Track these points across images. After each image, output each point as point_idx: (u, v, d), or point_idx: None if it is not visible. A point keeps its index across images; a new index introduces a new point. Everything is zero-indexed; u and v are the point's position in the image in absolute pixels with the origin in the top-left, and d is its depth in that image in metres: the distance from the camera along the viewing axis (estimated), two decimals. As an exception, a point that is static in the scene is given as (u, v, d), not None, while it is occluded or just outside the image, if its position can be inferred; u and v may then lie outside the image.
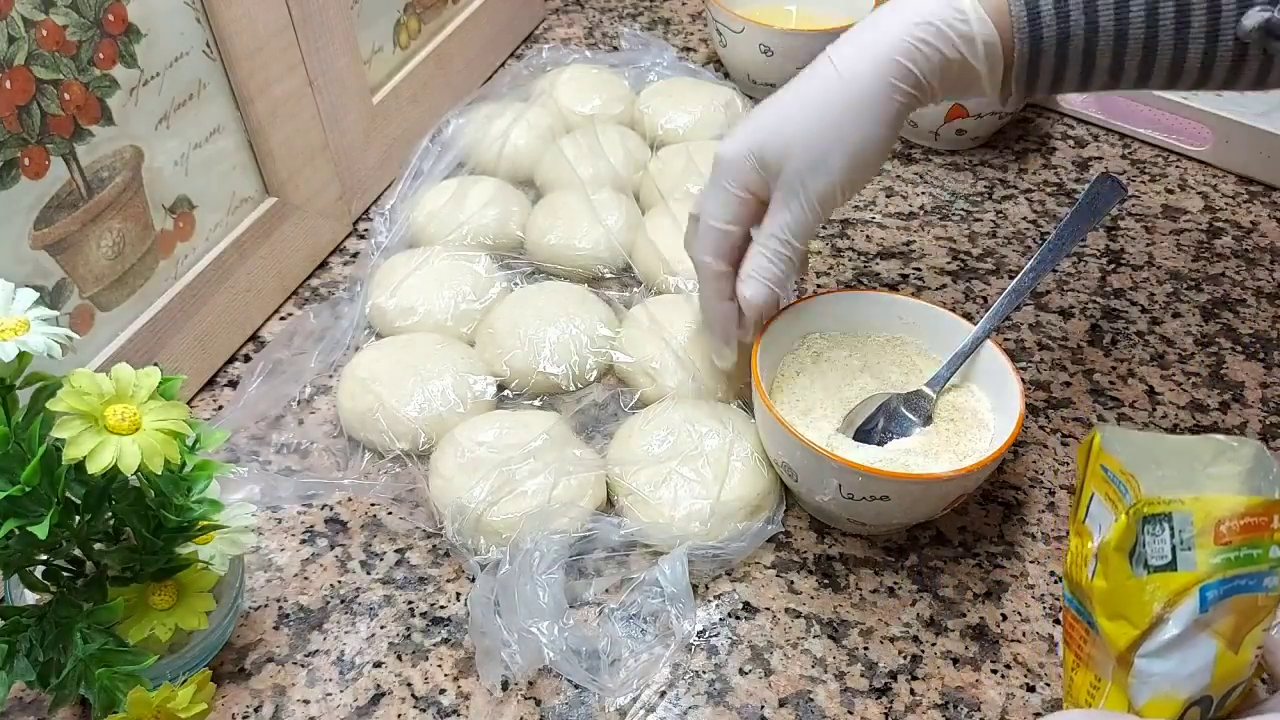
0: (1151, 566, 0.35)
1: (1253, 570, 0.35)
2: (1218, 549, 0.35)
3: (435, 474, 0.55)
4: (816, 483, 0.52)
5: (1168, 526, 0.35)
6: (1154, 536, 0.35)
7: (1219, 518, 0.35)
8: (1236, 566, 0.35)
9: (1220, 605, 0.35)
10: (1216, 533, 0.35)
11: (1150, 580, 0.35)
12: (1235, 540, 0.35)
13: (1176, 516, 0.35)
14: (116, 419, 0.37)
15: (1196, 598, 0.35)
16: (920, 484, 0.50)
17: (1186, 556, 0.35)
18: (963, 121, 0.81)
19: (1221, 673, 0.36)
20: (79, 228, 0.53)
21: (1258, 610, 0.36)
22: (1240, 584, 0.35)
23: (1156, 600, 0.35)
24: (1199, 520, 0.35)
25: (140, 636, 0.43)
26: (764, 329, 0.56)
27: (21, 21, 0.48)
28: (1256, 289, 0.74)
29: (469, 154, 0.78)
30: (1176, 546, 0.35)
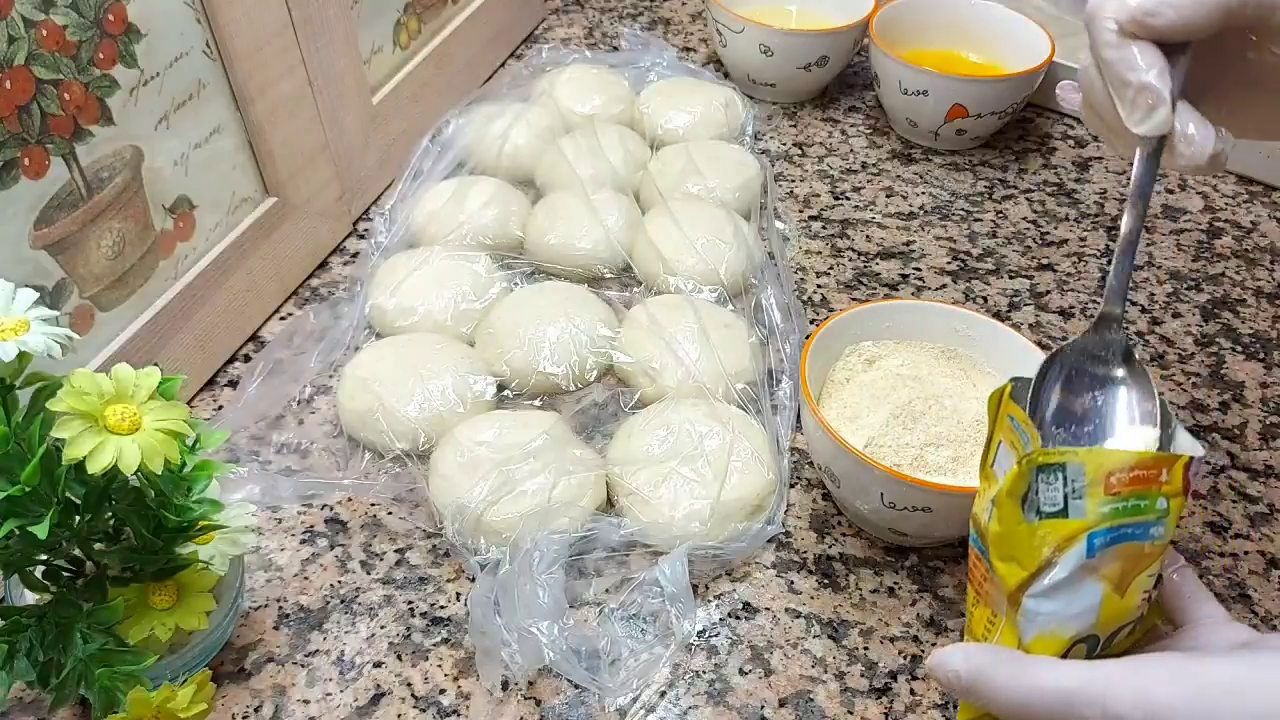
0: (1044, 513, 0.37)
1: (1139, 520, 0.36)
2: (1107, 499, 0.36)
3: (435, 474, 0.55)
4: (859, 490, 0.52)
5: (1061, 475, 0.36)
6: (1047, 485, 0.36)
7: (1110, 469, 0.36)
8: (1124, 516, 0.36)
9: (1107, 551, 0.37)
10: (1107, 483, 0.36)
11: (1041, 526, 0.37)
12: (1124, 491, 0.36)
13: (1070, 466, 0.36)
14: (116, 419, 0.37)
15: (1084, 543, 0.36)
16: (964, 496, 0.49)
17: (1077, 505, 0.36)
18: (963, 121, 0.81)
19: (1107, 614, 0.38)
20: (79, 228, 0.53)
21: (1144, 557, 0.37)
22: (1127, 532, 0.37)
23: (1046, 545, 0.37)
24: (1091, 471, 0.36)
25: (140, 636, 0.43)
26: (813, 335, 0.56)
27: (21, 21, 0.48)
28: (1256, 289, 0.74)
29: (469, 154, 0.78)
30: (1069, 495, 0.36)
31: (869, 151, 0.85)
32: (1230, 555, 0.56)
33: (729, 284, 0.68)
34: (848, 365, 0.59)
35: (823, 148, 0.85)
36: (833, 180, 0.82)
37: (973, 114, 0.80)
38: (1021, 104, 0.82)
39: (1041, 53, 0.81)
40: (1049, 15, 0.91)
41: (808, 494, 0.58)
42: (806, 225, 0.77)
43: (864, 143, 0.86)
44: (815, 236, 0.76)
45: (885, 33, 0.83)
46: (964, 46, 0.87)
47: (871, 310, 0.59)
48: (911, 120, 0.83)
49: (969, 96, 0.79)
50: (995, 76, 0.82)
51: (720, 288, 0.67)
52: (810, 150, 0.85)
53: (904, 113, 0.83)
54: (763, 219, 0.75)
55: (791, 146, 0.85)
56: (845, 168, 0.83)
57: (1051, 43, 0.81)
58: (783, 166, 0.83)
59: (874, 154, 0.85)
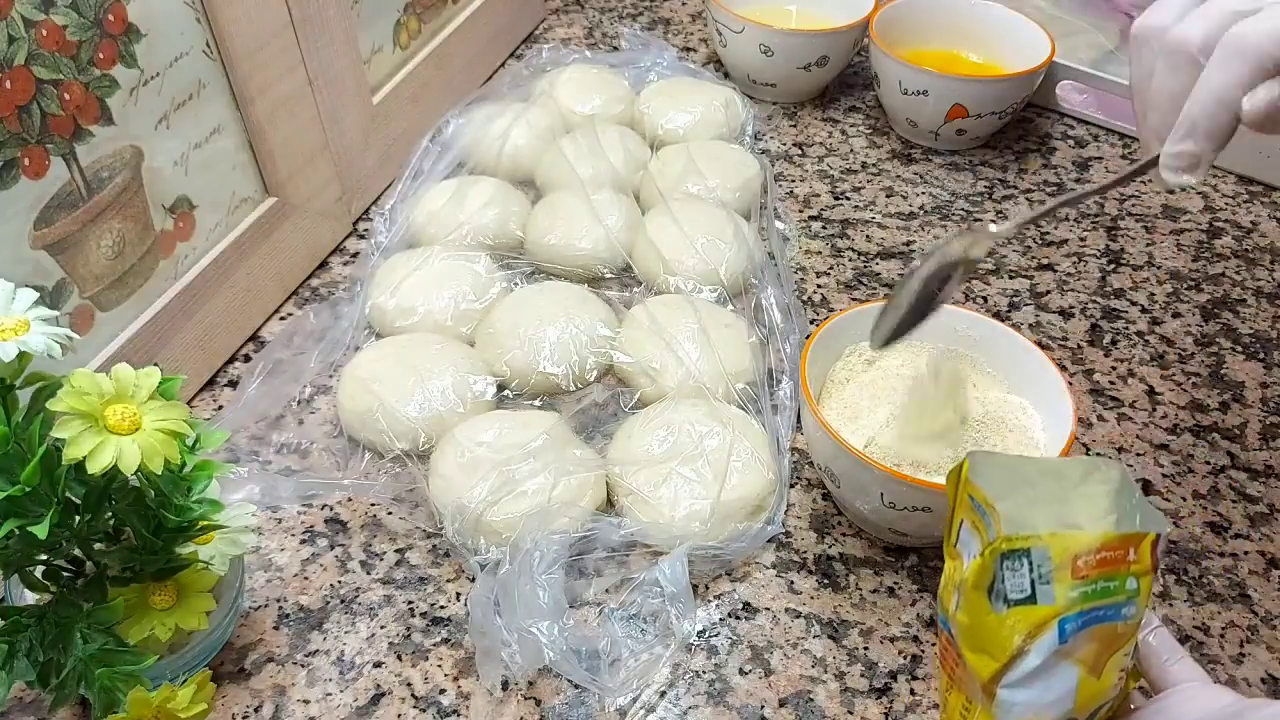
0: (1011, 600, 0.36)
1: (1110, 602, 0.36)
2: (1075, 583, 0.35)
3: (435, 474, 0.55)
4: (859, 490, 0.52)
5: (1026, 561, 0.36)
6: (1013, 572, 0.36)
7: (1076, 553, 0.35)
8: (1094, 599, 0.36)
9: (1080, 635, 0.36)
10: (1074, 567, 0.35)
11: (1010, 614, 0.36)
12: (1092, 574, 0.36)
13: (1035, 552, 0.36)
14: (116, 419, 0.37)
15: (1055, 630, 0.36)
16: None
17: (1045, 590, 0.36)
18: (963, 121, 0.81)
19: (1084, 697, 0.37)
20: (79, 228, 0.53)
21: (1117, 638, 0.37)
22: (1099, 614, 0.36)
23: (1017, 633, 0.36)
24: (1056, 555, 0.35)
25: (140, 636, 0.43)
26: (813, 335, 0.56)
27: (21, 21, 0.48)
28: (1256, 289, 0.74)
29: (469, 154, 0.78)
30: (1035, 581, 0.36)
31: (869, 151, 0.85)
32: (1230, 555, 0.56)
33: (729, 284, 0.68)
34: (848, 365, 0.59)
35: (823, 148, 0.85)
36: (833, 180, 0.82)
37: (973, 114, 0.80)
38: (1021, 104, 0.82)
39: (1041, 53, 0.81)
40: (1049, 15, 0.91)
41: (808, 494, 0.58)
42: (806, 225, 0.77)
43: (864, 143, 0.86)
44: (815, 236, 0.76)
45: (885, 33, 0.83)
46: (964, 46, 0.87)
47: (872, 310, 0.59)
48: (911, 120, 0.83)
49: (969, 96, 0.79)
50: (995, 76, 0.82)
51: (720, 288, 0.67)
52: (810, 150, 0.85)
53: (904, 113, 0.83)
54: (763, 219, 0.75)
55: (791, 146, 0.85)
56: (845, 168, 0.83)
57: (1051, 43, 0.81)
58: (783, 166, 0.83)
59: (874, 154, 0.85)
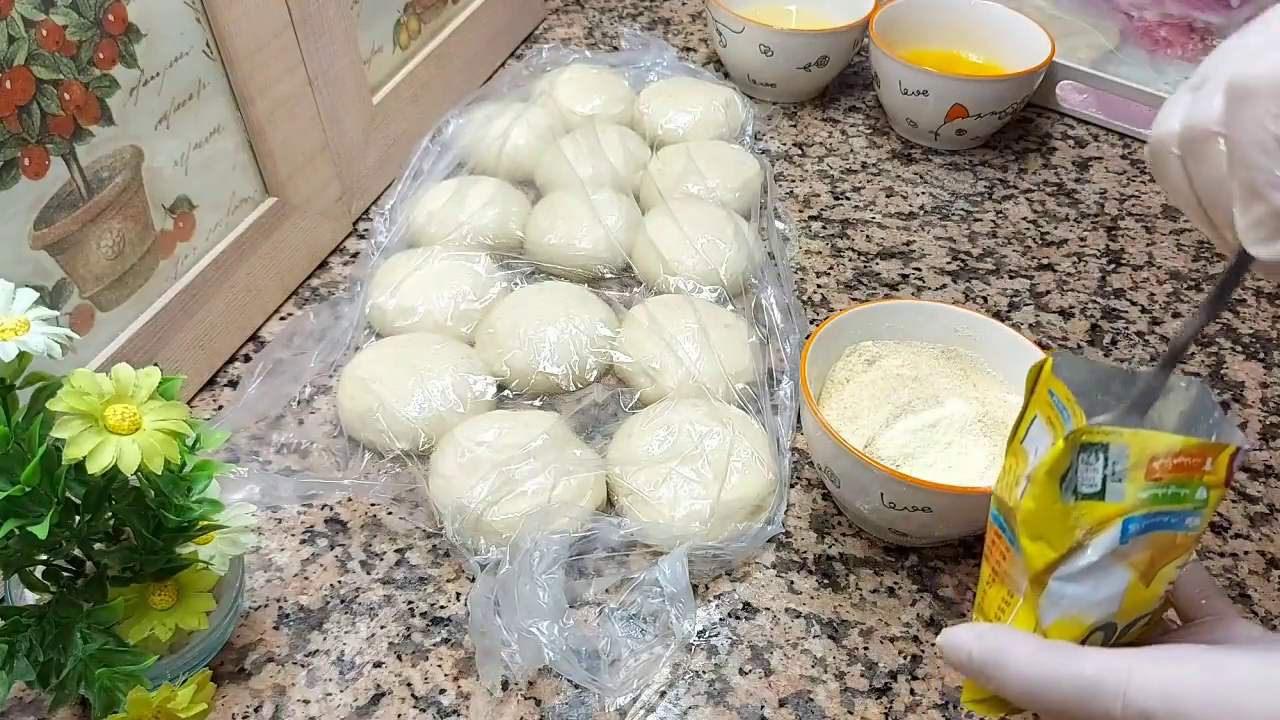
0: (1080, 494, 0.35)
1: (1177, 508, 0.36)
2: (1147, 484, 0.35)
3: (435, 474, 0.55)
4: (859, 490, 0.52)
5: (1103, 456, 0.35)
6: (1087, 465, 0.35)
7: (1154, 454, 0.35)
8: (1162, 503, 0.35)
9: (1140, 539, 0.36)
10: (1149, 468, 0.35)
11: (1077, 507, 0.36)
12: (1166, 478, 0.35)
13: (1113, 447, 0.35)
14: (116, 419, 0.37)
15: (1119, 528, 0.35)
16: (963, 497, 0.49)
17: (1116, 488, 0.35)
18: (963, 121, 0.81)
19: (1130, 602, 0.37)
20: (79, 228, 0.53)
21: (1175, 548, 0.36)
22: (1163, 520, 0.36)
23: (1079, 526, 0.36)
24: (1134, 454, 0.35)
25: (140, 636, 0.43)
26: (813, 335, 0.56)
27: (21, 21, 0.48)
28: (1256, 289, 0.74)
29: (469, 154, 0.78)
30: (1108, 477, 0.35)
31: (869, 151, 0.85)
32: (1230, 555, 0.56)
33: (729, 284, 0.68)
34: (848, 365, 0.58)
35: (823, 148, 0.85)
36: (833, 180, 0.82)
37: (973, 114, 0.80)
38: (1021, 104, 0.82)
39: (1041, 53, 0.81)
40: (1049, 15, 0.91)
41: (808, 494, 0.58)
42: (806, 225, 0.77)
43: (864, 143, 0.86)
44: (815, 236, 0.76)
45: (885, 33, 0.83)
46: (964, 46, 0.87)
47: (871, 310, 0.59)
48: (911, 120, 0.83)
49: (969, 96, 0.79)
50: (995, 76, 0.82)
51: (720, 288, 0.67)
52: (810, 150, 0.85)
53: (904, 113, 0.83)
54: (763, 219, 0.75)
55: (791, 146, 0.85)
56: (845, 168, 0.83)
57: (1051, 43, 0.81)
58: (783, 166, 0.83)
59: (874, 154, 0.85)
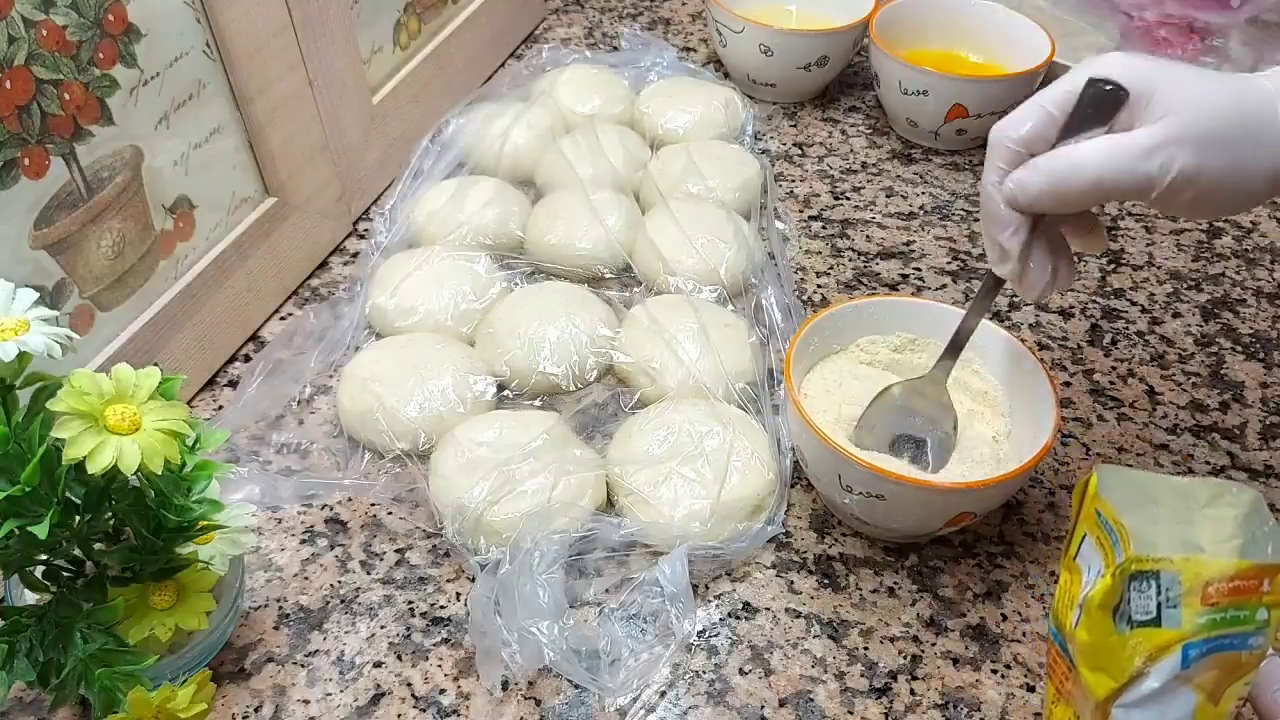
0: (1135, 622, 0.35)
1: (1238, 631, 0.35)
2: (1204, 609, 0.35)
3: (435, 474, 0.55)
4: (821, 471, 0.53)
5: (1154, 584, 0.35)
6: (1140, 593, 0.35)
7: (1207, 579, 0.35)
8: (1222, 627, 0.35)
9: (1203, 661, 0.35)
10: (1204, 593, 0.35)
11: (1133, 635, 0.36)
12: (1223, 602, 0.35)
13: (1164, 575, 0.35)
14: (116, 419, 0.37)
15: (1179, 655, 0.35)
16: (915, 489, 0.50)
17: (1172, 614, 0.35)
18: (963, 121, 0.81)
19: None
20: (79, 228, 0.53)
21: (1240, 667, 0.36)
22: (1224, 643, 0.35)
23: (1139, 654, 0.36)
24: (1186, 580, 0.35)
25: (140, 636, 0.43)
26: (808, 322, 0.56)
27: (21, 21, 0.48)
28: (1256, 289, 0.74)
29: (469, 154, 0.78)
30: (1162, 604, 0.35)
31: (869, 151, 0.85)
32: (1230, 555, 0.56)
33: (729, 284, 0.68)
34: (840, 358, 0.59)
35: (823, 148, 0.85)
36: (833, 180, 0.82)
37: (973, 114, 0.80)
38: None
39: (1041, 53, 0.81)
40: (1049, 15, 0.91)
41: (808, 494, 0.58)
42: (806, 225, 0.77)
43: (864, 143, 0.86)
44: (815, 236, 0.76)
45: (885, 33, 0.83)
46: (964, 46, 0.87)
47: (870, 304, 0.59)
48: (911, 120, 0.83)
49: (969, 96, 0.79)
50: (995, 76, 0.82)
51: (720, 288, 0.67)
52: (810, 150, 0.85)
53: (904, 113, 0.83)
54: (763, 219, 0.75)
55: (791, 146, 0.85)
56: (845, 168, 0.83)
57: (1051, 43, 0.81)
58: (783, 166, 0.83)
59: (874, 154, 0.85)
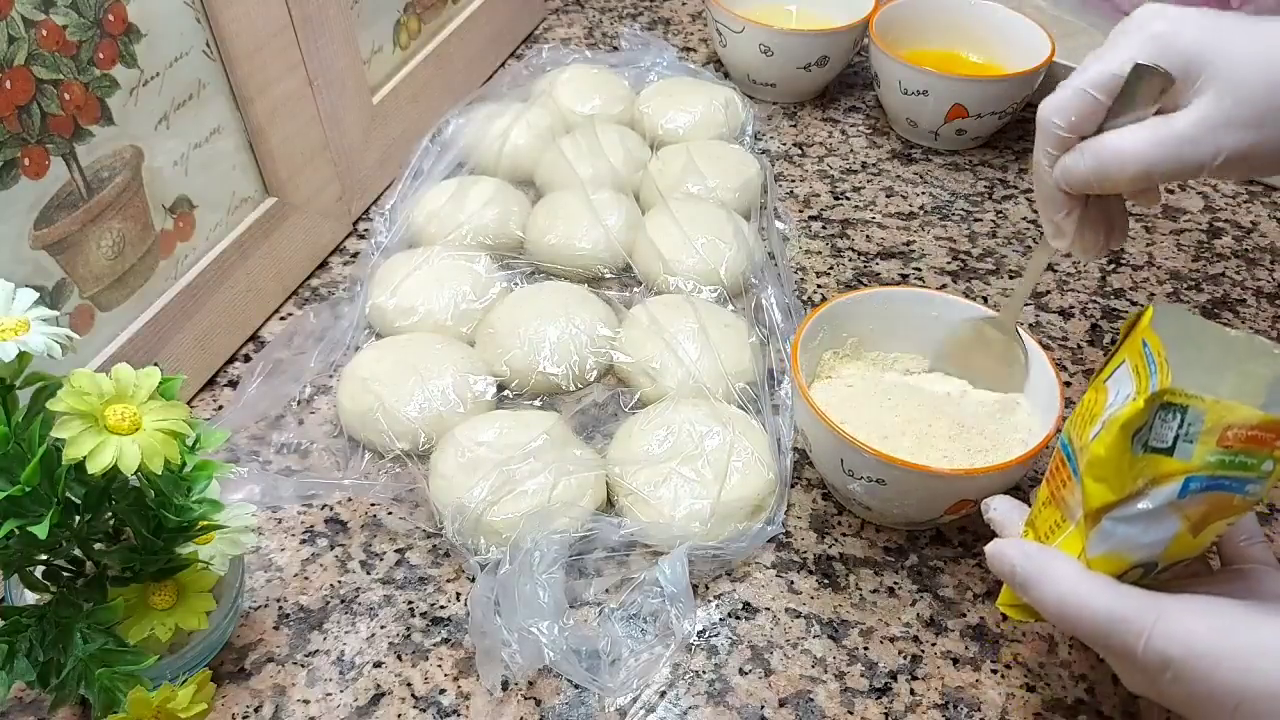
0: (1150, 447, 0.37)
1: (1241, 475, 0.37)
2: (1217, 449, 0.36)
3: (435, 474, 0.55)
4: (825, 455, 0.54)
5: (1180, 416, 0.36)
6: (1163, 422, 0.36)
7: (1229, 422, 0.36)
8: (1228, 469, 0.36)
9: (1198, 496, 0.37)
10: (1222, 435, 0.36)
11: (1144, 459, 0.37)
12: (1236, 446, 0.36)
13: (1191, 410, 0.36)
14: (116, 419, 0.37)
15: (1180, 484, 0.37)
16: (916, 474, 0.50)
17: (1186, 448, 0.36)
18: (963, 121, 0.81)
19: (1175, 548, 0.38)
20: (79, 228, 0.53)
21: (1230, 508, 0.38)
22: (1224, 483, 0.37)
23: (1142, 476, 0.37)
24: (1210, 419, 0.36)
25: (140, 636, 0.43)
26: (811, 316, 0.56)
27: (21, 21, 0.48)
28: (1256, 289, 0.74)
29: (469, 154, 0.78)
30: (1180, 436, 0.36)
31: (869, 151, 0.85)
32: (1230, 555, 0.56)
33: (729, 284, 0.68)
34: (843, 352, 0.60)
35: (823, 148, 0.85)
36: (833, 180, 0.82)
37: (973, 114, 0.80)
38: (1021, 104, 0.82)
39: (1041, 53, 0.81)
40: (1049, 15, 0.91)
41: (808, 494, 0.58)
42: (806, 225, 0.77)
43: (864, 143, 0.86)
44: (815, 236, 0.76)
45: (885, 33, 0.83)
46: (964, 46, 0.87)
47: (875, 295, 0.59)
48: (911, 120, 0.83)
49: (969, 96, 0.79)
50: (995, 76, 0.82)
51: (720, 288, 0.67)
52: (810, 150, 0.85)
53: (904, 113, 0.83)
54: (763, 219, 0.75)
55: (791, 146, 0.85)
56: (845, 168, 0.83)
57: (1051, 43, 0.81)
58: (783, 166, 0.83)
59: (874, 154, 0.85)
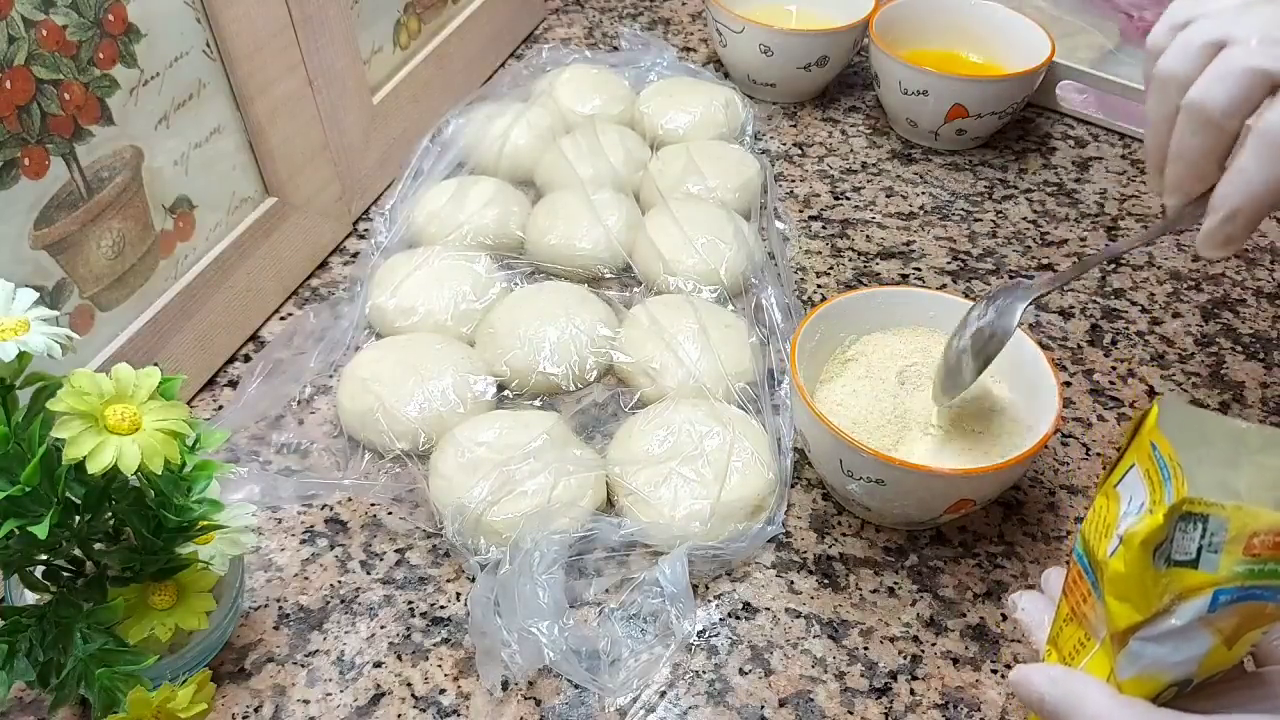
0: (1173, 561, 0.35)
1: (1271, 584, 0.35)
2: (1244, 558, 0.35)
3: (435, 474, 0.55)
4: (823, 455, 0.54)
5: (1201, 526, 0.35)
6: (1184, 534, 0.35)
7: (1255, 530, 0.35)
8: (1257, 578, 0.35)
9: (1228, 608, 0.35)
10: (1248, 543, 0.35)
11: (1168, 574, 0.35)
12: (1264, 554, 0.35)
13: (1213, 519, 0.35)
14: (116, 419, 0.37)
15: (1209, 598, 0.35)
16: (915, 474, 0.50)
17: (1211, 558, 0.35)
18: (963, 121, 0.81)
19: (1210, 663, 0.37)
20: (79, 228, 0.53)
21: (1264, 617, 0.36)
22: (1255, 593, 0.35)
23: (1169, 592, 0.36)
24: (1234, 527, 0.35)
25: (140, 636, 0.43)
26: (812, 314, 0.56)
27: (21, 21, 0.48)
28: (1256, 289, 0.74)
29: (469, 154, 0.78)
30: (1203, 547, 0.35)
31: (869, 151, 0.85)
32: (1230, 555, 0.56)
33: (729, 284, 0.68)
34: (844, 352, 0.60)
35: (823, 148, 0.85)
36: (833, 180, 0.82)
37: (973, 114, 0.80)
38: (1021, 104, 0.82)
39: (1041, 53, 0.81)
40: (1049, 15, 0.91)
41: (808, 494, 0.58)
42: (806, 225, 0.77)
43: (864, 143, 0.86)
44: (815, 236, 0.76)
45: (885, 33, 0.83)
46: (964, 46, 0.87)
47: (875, 295, 0.59)
48: (911, 120, 0.83)
49: (969, 96, 0.79)
50: (995, 76, 0.82)
51: (720, 288, 0.67)
52: (810, 150, 0.85)
53: (904, 113, 0.83)
54: (763, 219, 0.75)
55: (791, 146, 0.85)
56: (845, 168, 0.83)
57: (1051, 43, 0.81)
58: (783, 166, 0.83)
59: (874, 154, 0.85)
